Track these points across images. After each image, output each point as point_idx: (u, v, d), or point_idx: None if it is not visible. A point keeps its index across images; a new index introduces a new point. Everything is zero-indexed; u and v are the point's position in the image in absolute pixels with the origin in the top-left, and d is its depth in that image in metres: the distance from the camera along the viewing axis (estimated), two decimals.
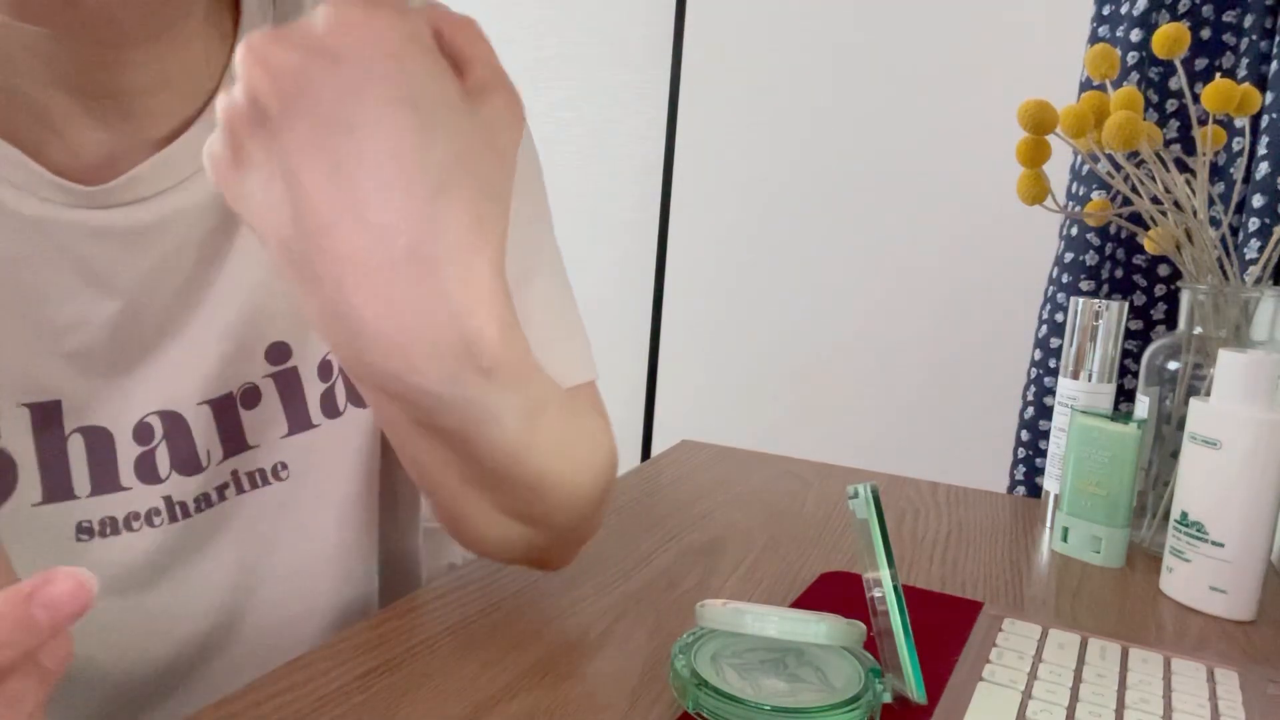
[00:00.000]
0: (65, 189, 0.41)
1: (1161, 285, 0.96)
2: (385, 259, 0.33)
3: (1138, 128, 0.63)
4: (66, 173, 0.42)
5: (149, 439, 0.45)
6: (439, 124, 0.33)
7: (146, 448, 0.45)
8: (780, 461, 0.84)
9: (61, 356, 0.43)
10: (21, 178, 0.41)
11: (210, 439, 0.47)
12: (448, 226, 0.33)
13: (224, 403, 0.47)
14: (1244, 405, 0.54)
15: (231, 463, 0.48)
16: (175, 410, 0.46)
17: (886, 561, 0.40)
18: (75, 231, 0.42)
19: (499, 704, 0.40)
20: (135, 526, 0.45)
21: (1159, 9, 0.91)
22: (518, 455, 0.40)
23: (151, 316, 0.45)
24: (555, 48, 1.73)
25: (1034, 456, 1.01)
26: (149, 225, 0.44)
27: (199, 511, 0.47)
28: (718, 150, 1.61)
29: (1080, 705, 0.41)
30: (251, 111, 0.33)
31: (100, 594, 0.45)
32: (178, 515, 0.47)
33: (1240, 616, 0.55)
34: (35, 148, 0.41)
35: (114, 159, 0.43)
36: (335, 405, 0.51)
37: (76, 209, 0.42)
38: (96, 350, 0.44)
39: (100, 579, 0.45)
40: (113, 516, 0.45)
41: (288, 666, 0.42)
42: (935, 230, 1.46)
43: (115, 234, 0.43)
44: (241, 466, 0.49)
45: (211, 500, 0.48)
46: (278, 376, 0.49)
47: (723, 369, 1.64)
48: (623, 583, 0.54)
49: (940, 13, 1.43)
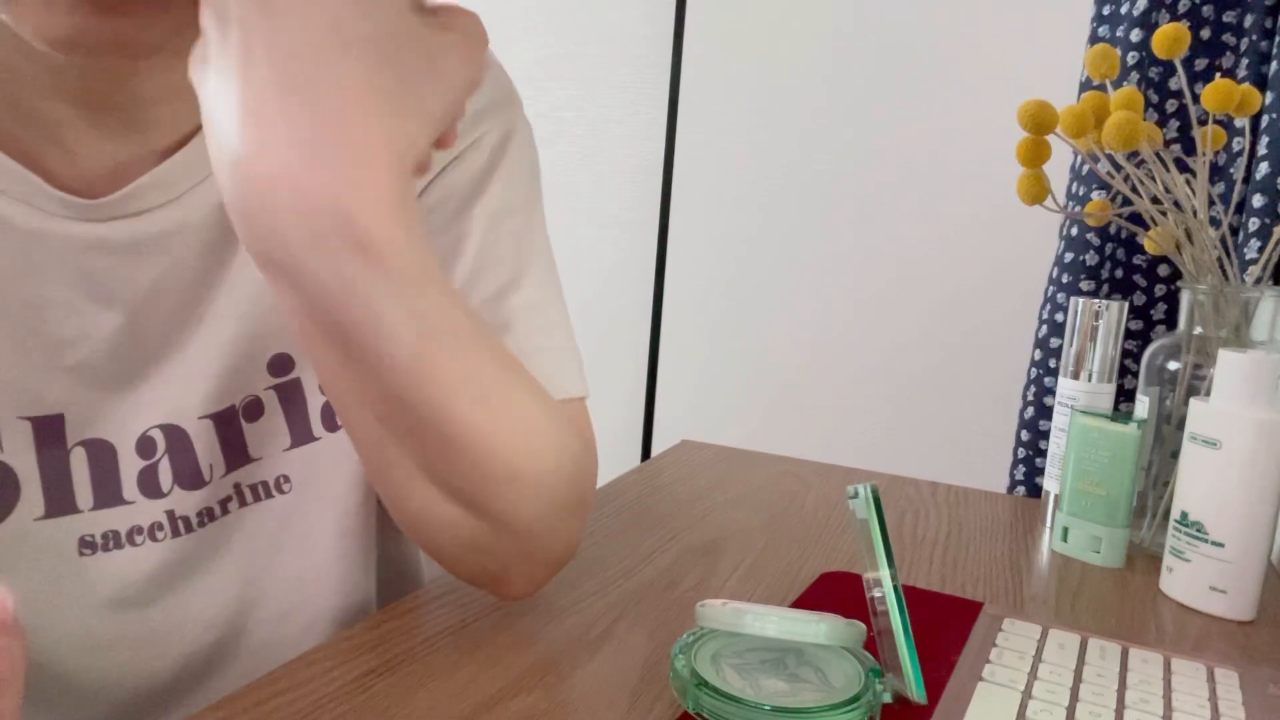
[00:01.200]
0: (67, 202, 0.41)
1: (1161, 285, 0.96)
2: (274, 104, 0.32)
3: (1138, 128, 0.63)
4: (68, 185, 0.42)
5: (152, 453, 0.45)
6: (372, 6, 0.33)
7: (149, 461, 0.45)
8: (780, 461, 0.84)
9: (64, 370, 0.43)
10: (22, 191, 0.41)
11: (212, 453, 0.47)
12: (342, 80, 0.32)
13: (226, 415, 0.47)
14: (1244, 405, 0.54)
15: (234, 476, 0.48)
16: (177, 424, 0.46)
17: (886, 561, 0.40)
18: (77, 244, 0.42)
19: (499, 704, 0.40)
20: (138, 541, 0.45)
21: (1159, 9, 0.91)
22: (418, 381, 0.36)
23: (154, 329, 0.45)
24: (555, 48, 1.73)
25: (1034, 456, 1.01)
26: (151, 238, 0.44)
27: (201, 526, 0.47)
28: (717, 150, 1.61)
29: (1080, 705, 0.41)
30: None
31: (102, 608, 0.45)
32: (180, 530, 0.46)
33: (1240, 616, 0.55)
34: (36, 160, 0.41)
35: (116, 171, 0.43)
36: (335, 418, 0.50)
37: (78, 222, 0.42)
38: (99, 364, 0.43)
39: (102, 593, 0.45)
40: (115, 530, 0.45)
41: (287, 666, 0.42)
42: (935, 230, 1.46)
43: (117, 247, 0.43)
44: (244, 480, 0.48)
45: (214, 514, 0.48)
46: (280, 389, 0.48)
47: (723, 369, 1.64)
48: (623, 583, 0.54)
49: (940, 13, 1.43)
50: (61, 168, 0.41)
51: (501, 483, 0.40)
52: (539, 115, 1.74)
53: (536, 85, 1.74)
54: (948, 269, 1.46)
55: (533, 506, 0.42)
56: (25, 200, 0.41)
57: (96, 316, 0.43)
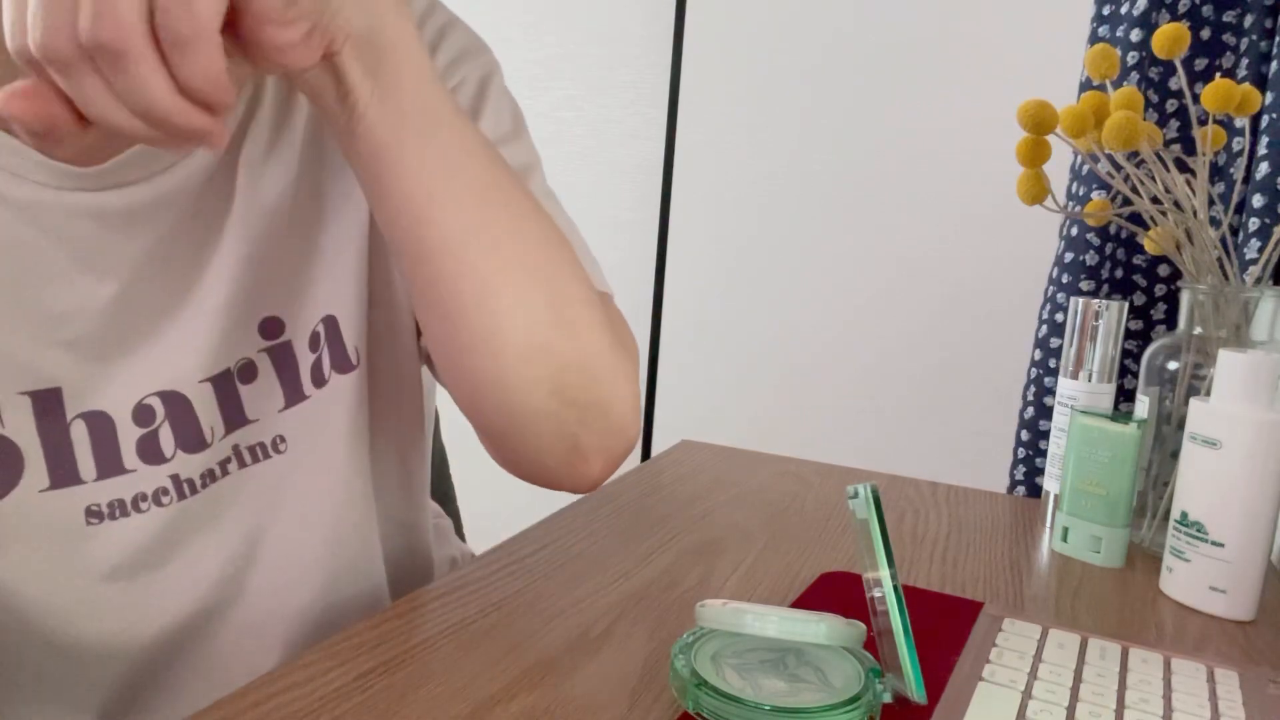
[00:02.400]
0: (58, 171, 0.42)
1: (1161, 285, 0.96)
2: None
3: (1138, 128, 0.63)
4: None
5: (150, 420, 0.46)
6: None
7: (147, 429, 0.46)
8: (780, 461, 0.84)
9: (59, 344, 0.43)
10: (13, 162, 0.41)
11: (213, 416, 0.48)
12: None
13: (223, 379, 0.48)
14: (1244, 405, 0.54)
15: (233, 438, 0.49)
16: (178, 390, 0.46)
17: (886, 561, 0.40)
18: (69, 214, 0.42)
19: (499, 704, 0.40)
20: (144, 507, 0.46)
21: (1159, 9, 0.91)
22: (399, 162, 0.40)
23: (148, 298, 0.45)
24: (555, 48, 1.73)
25: (1034, 456, 1.01)
26: (142, 206, 0.44)
27: (204, 488, 0.48)
28: (717, 150, 1.61)
29: (1080, 705, 0.41)
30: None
31: (109, 575, 0.46)
32: (185, 492, 0.47)
33: (1240, 616, 0.55)
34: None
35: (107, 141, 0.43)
36: (322, 374, 0.51)
37: (70, 192, 0.42)
38: (94, 335, 0.44)
39: (110, 560, 0.46)
40: (121, 499, 0.45)
41: (287, 667, 0.42)
42: (935, 230, 1.46)
43: (109, 216, 0.43)
44: (242, 441, 0.49)
45: (215, 476, 0.48)
46: (272, 351, 0.49)
47: (723, 369, 1.64)
48: (623, 583, 0.54)
49: (940, 13, 1.43)
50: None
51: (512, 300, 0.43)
52: (539, 115, 1.74)
53: (536, 85, 1.74)
54: (948, 269, 1.46)
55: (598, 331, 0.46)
56: (17, 171, 0.41)
57: (91, 288, 0.44)
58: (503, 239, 0.43)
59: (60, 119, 0.31)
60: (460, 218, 0.42)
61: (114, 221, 0.44)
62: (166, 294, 0.46)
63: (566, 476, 0.49)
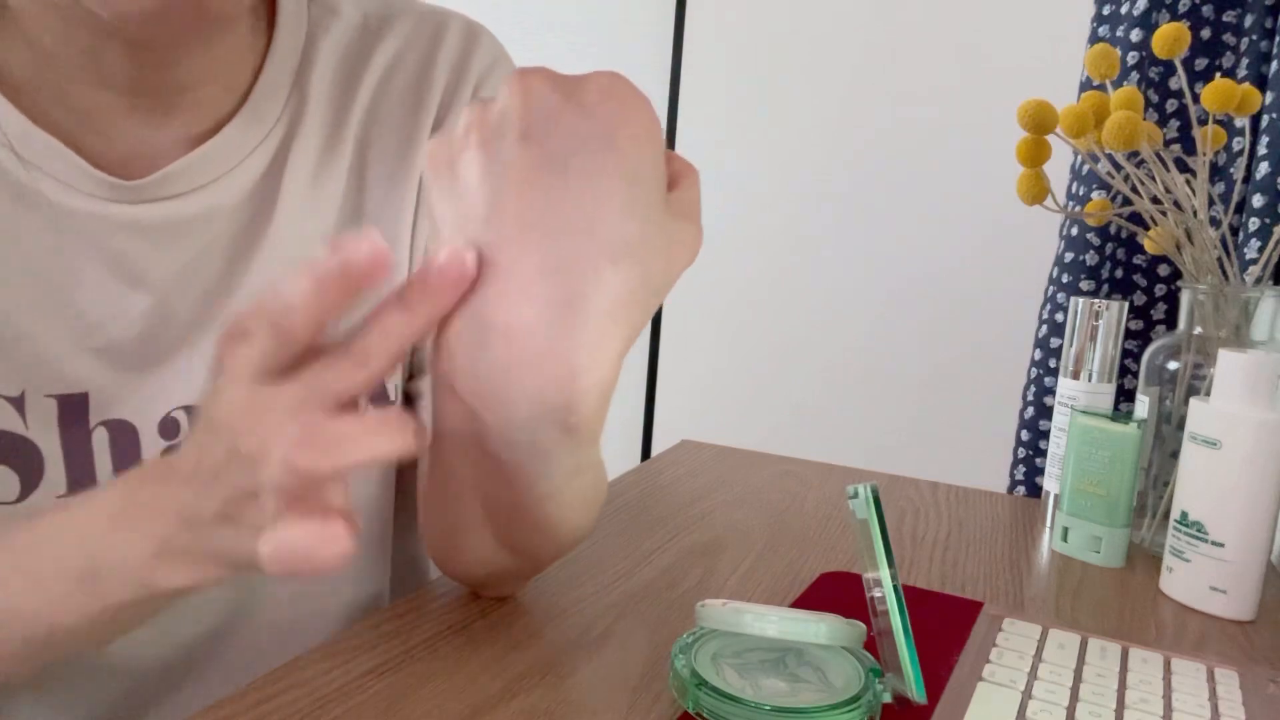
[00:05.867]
0: (102, 182, 0.42)
1: (1161, 285, 0.96)
2: (545, 289, 0.33)
3: (1138, 128, 0.63)
4: (104, 167, 0.42)
5: (175, 434, 0.46)
6: (639, 207, 0.34)
7: (172, 443, 0.46)
8: (780, 461, 0.84)
9: (91, 350, 0.43)
10: (63, 171, 0.42)
11: None
12: (608, 292, 0.33)
13: None
14: (1244, 405, 0.54)
15: None
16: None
17: (886, 561, 0.40)
18: (110, 225, 0.43)
19: (499, 704, 0.40)
20: None
21: (1159, 9, 0.91)
22: (546, 503, 0.39)
23: (182, 312, 0.45)
24: (555, 48, 1.73)
25: (1034, 456, 1.01)
26: (183, 221, 0.44)
27: None
28: (718, 150, 1.61)
29: (1080, 705, 0.41)
30: (498, 123, 0.34)
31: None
32: None
33: (1240, 616, 0.55)
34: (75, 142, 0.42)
35: (152, 154, 0.43)
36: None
37: (114, 203, 0.43)
38: (126, 345, 0.44)
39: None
40: None
41: (287, 666, 0.42)
42: (935, 229, 1.46)
43: (149, 229, 0.44)
44: None
45: None
46: None
47: (723, 369, 1.64)
48: (623, 583, 0.54)
49: (940, 13, 1.43)
50: (98, 150, 0.42)
51: (561, 546, 0.44)
52: None
53: None
54: (947, 268, 1.46)
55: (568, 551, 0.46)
56: (61, 179, 0.42)
57: (126, 298, 0.44)
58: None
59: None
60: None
61: (154, 234, 0.44)
62: (200, 309, 0.46)
63: (494, 591, 0.51)
